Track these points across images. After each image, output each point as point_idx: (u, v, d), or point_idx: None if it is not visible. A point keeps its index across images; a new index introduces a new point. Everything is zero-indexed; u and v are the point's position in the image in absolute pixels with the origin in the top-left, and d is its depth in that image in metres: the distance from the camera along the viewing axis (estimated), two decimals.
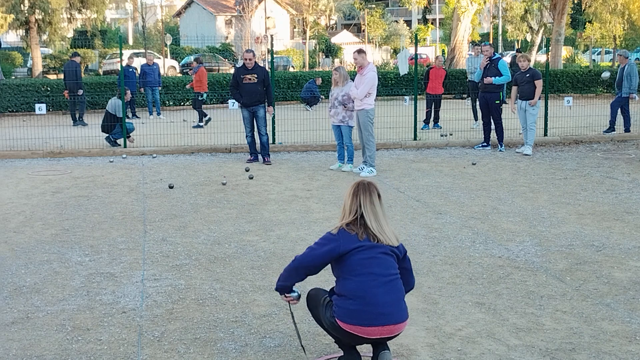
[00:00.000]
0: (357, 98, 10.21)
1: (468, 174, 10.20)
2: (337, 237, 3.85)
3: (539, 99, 11.99)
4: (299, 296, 4.03)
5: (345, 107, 10.46)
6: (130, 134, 13.20)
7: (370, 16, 59.13)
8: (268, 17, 50.94)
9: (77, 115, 16.78)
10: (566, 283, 5.43)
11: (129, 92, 14.41)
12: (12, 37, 39.96)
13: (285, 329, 4.57)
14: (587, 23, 43.09)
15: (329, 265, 3.92)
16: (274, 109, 12.18)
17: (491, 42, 48.14)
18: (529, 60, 12.34)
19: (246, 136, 11.59)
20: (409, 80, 20.73)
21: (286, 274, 3.99)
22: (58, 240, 6.82)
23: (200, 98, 17.22)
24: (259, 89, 11.22)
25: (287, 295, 4.03)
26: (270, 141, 12.78)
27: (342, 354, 4.02)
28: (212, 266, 5.94)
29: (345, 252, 3.80)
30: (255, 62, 11.34)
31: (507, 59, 29.35)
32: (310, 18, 52.56)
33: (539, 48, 40.12)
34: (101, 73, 36.23)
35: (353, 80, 10.66)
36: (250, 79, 11.20)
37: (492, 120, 12.53)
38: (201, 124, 16.40)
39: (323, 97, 21.69)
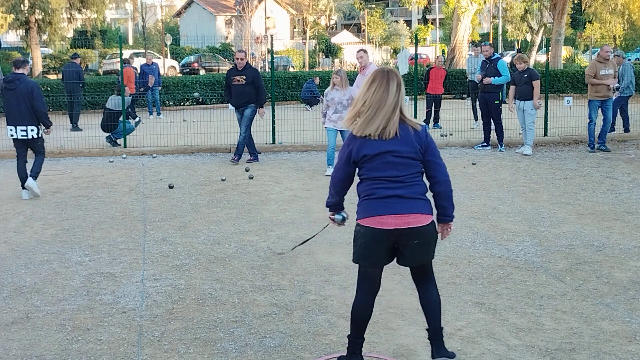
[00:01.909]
0: None
1: (468, 174, 10.20)
2: (349, 142, 3.80)
3: (539, 98, 11.98)
4: (344, 220, 4.01)
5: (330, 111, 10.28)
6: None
7: (370, 16, 59.13)
8: (268, 17, 50.93)
9: (74, 119, 16.68)
10: (566, 283, 5.43)
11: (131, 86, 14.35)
12: (12, 37, 39.97)
13: (285, 329, 4.57)
14: (587, 23, 43.06)
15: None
16: (268, 110, 12.08)
17: (491, 42, 48.12)
18: (526, 62, 12.31)
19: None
20: (409, 80, 20.62)
21: (331, 190, 3.98)
22: (58, 240, 6.82)
23: None
24: (247, 90, 11.12)
25: (332, 216, 4.01)
26: (270, 141, 12.77)
27: (342, 355, 4.01)
28: (212, 266, 5.94)
29: (359, 159, 3.75)
30: (247, 62, 11.29)
31: (507, 58, 29.32)
32: (310, 18, 52.54)
33: (539, 48, 40.07)
34: (101, 73, 36.23)
35: (351, 82, 10.62)
36: (239, 80, 11.16)
37: (492, 120, 12.54)
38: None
39: (322, 97, 21.68)
